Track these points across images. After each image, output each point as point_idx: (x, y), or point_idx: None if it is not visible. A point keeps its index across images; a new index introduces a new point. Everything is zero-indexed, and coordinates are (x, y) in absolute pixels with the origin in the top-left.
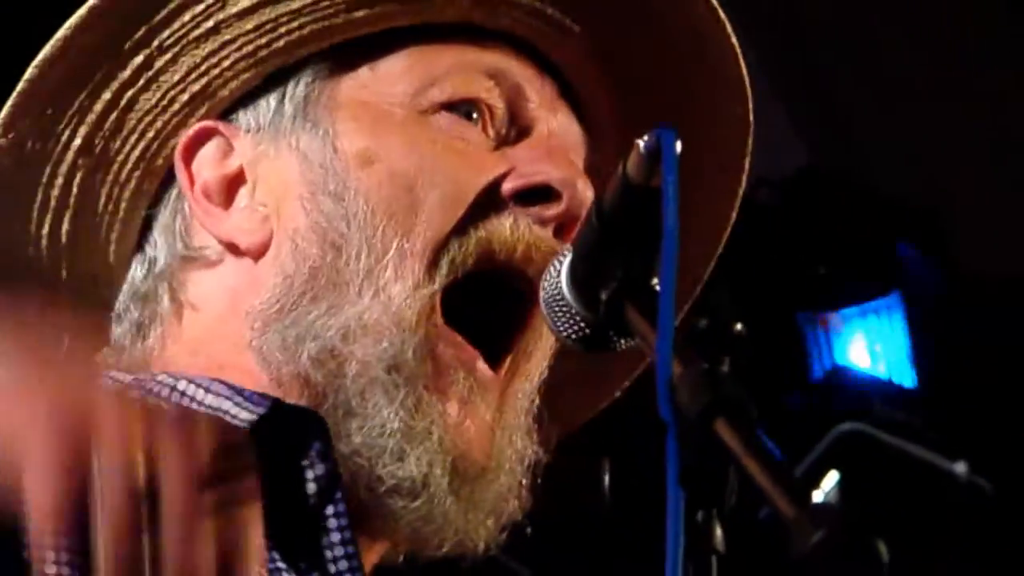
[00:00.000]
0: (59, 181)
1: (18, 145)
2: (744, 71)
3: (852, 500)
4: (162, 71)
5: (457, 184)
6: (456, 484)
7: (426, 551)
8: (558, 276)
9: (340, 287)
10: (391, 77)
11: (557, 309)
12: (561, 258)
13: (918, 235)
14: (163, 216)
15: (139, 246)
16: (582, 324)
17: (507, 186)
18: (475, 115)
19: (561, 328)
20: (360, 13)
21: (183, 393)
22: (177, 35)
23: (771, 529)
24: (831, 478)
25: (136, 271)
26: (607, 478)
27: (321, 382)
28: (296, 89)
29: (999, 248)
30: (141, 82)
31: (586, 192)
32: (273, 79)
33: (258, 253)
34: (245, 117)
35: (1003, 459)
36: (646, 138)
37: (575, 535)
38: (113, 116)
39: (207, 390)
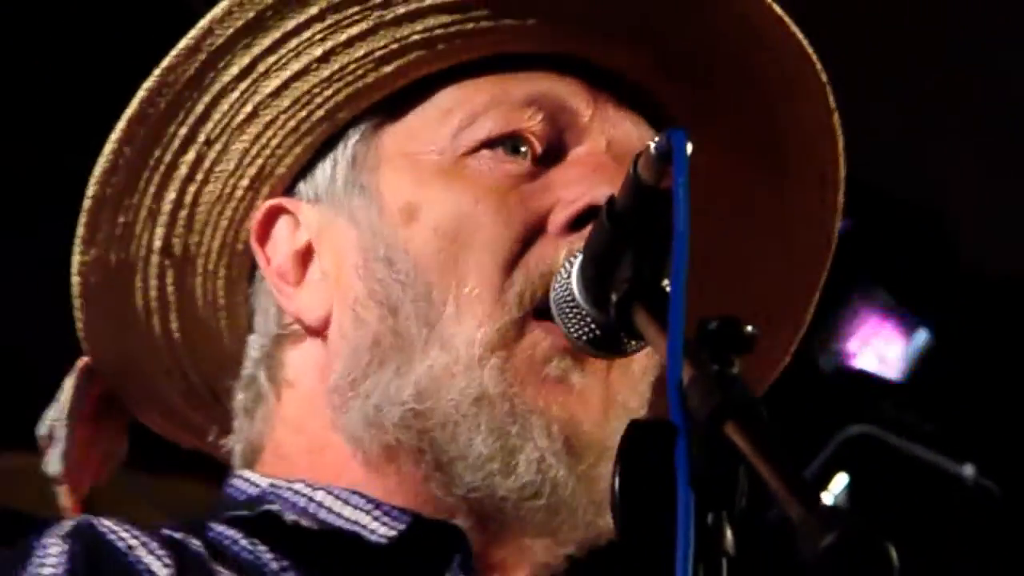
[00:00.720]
0: (153, 283)
1: (103, 259)
2: (812, 54)
3: (861, 503)
4: (216, 162)
5: (501, 224)
6: (573, 462)
7: (561, 547)
8: (568, 277)
9: (404, 349)
10: (433, 122)
11: (568, 310)
12: (572, 259)
13: (920, 234)
14: (257, 298)
15: (249, 328)
16: (592, 326)
17: (555, 219)
18: (522, 147)
19: (571, 329)
20: (389, 68)
21: (320, 504)
22: (220, 125)
23: (781, 532)
24: (840, 481)
25: (247, 354)
26: (617, 481)
27: (413, 443)
28: (344, 153)
29: (1005, 247)
30: (199, 176)
31: None
32: (327, 145)
33: (323, 327)
34: (306, 189)
35: (1011, 462)
36: (657, 139)
37: None
38: (183, 214)
39: (345, 502)
